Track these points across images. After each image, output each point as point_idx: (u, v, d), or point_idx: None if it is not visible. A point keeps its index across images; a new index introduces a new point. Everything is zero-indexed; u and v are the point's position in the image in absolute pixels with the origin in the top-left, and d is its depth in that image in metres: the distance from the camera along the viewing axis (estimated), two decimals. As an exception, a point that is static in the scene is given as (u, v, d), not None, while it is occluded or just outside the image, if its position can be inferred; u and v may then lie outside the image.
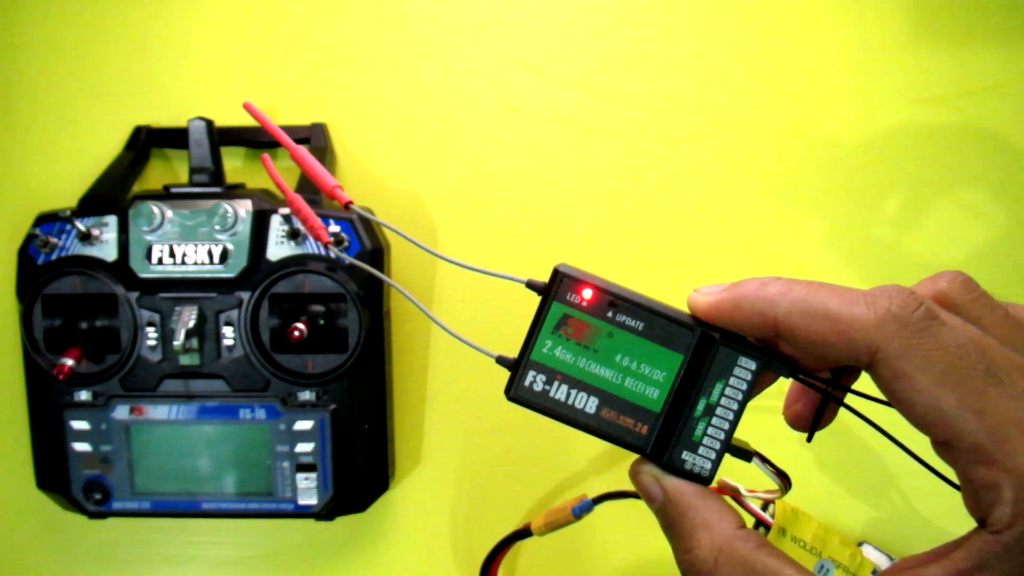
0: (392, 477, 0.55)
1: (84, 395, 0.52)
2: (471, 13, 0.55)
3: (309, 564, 0.58)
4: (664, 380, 0.28)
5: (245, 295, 0.51)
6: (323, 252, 0.51)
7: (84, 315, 0.52)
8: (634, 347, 0.28)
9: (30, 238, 0.51)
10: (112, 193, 0.53)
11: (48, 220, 0.51)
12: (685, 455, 0.28)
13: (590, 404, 0.28)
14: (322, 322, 0.52)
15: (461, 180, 0.56)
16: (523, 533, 0.54)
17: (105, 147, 0.56)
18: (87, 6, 0.56)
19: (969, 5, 0.54)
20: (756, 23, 0.55)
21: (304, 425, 0.52)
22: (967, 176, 0.55)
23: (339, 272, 0.50)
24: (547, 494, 0.57)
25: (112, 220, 0.51)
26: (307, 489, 0.52)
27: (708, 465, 0.28)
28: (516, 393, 0.28)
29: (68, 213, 0.51)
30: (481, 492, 0.57)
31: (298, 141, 0.55)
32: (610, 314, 0.28)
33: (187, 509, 0.53)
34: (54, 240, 0.51)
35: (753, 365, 0.27)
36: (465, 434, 0.57)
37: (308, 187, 0.52)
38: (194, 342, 0.50)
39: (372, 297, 0.51)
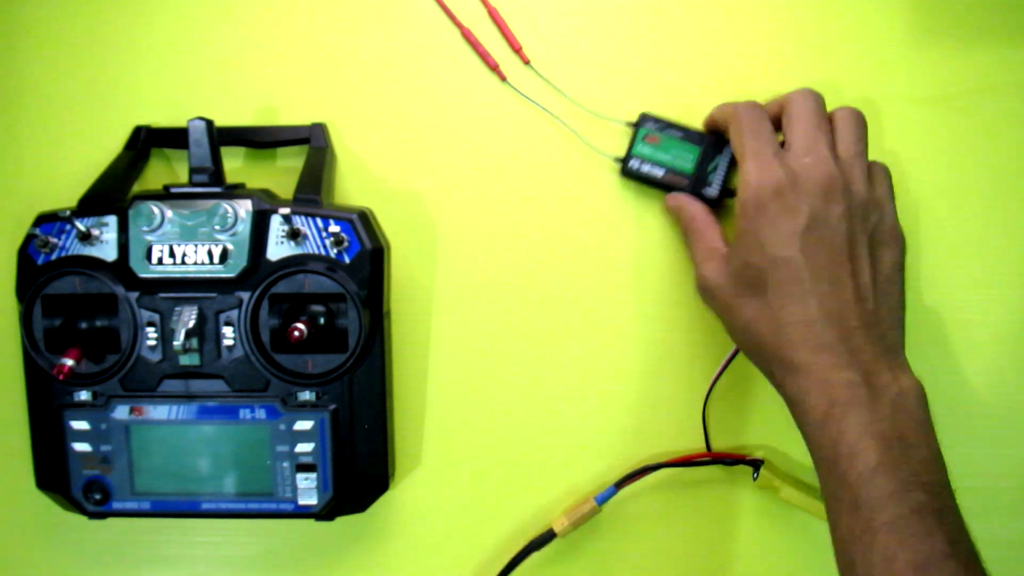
0: (392, 477, 0.55)
1: (84, 395, 0.52)
2: (472, 13, 0.55)
3: (309, 564, 0.58)
4: (693, 159, 0.53)
5: (245, 295, 0.51)
6: (323, 252, 0.51)
7: (84, 315, 0.52)
8: (678, 144, 0.53)
9: (30, 238, 0.51)
10: (112, 193, 0.53)
11: (48, 220, 0.51)
12: (704, 189, 0.53)
13: (659, 171, 0.53)
14: (322, 322, 0.52)
15: (461, 180, 0.56)
16: (546, 538, 0.54)
17: (105, 147, 0.56)
18: (86, 6, 0.56)
19: (969, 5, 0.54)
20: (753, 28, 0.55)
21: (304, 425, 0.52)
22: (964, 179, 0.55)
23: (339, 272, 0.50)
24: (548, 494, 0.57)
25: (112, 220, 0.51)
26: (307, 489, 0.52)
27: (716, 193, 0.53)
28: (626, 169, 0.54)
29: (68, 213, 0.51)
30: (481, 492, 0.57)
31: (298, 141, 0.55)
32: (667, 130, 0.53)
33: (187, 509, 0.53)
34: (54, 240, 0.51)
35: (728, 155, 0.53)
36: (465, 434, 0.57)
37: (308, 187, 0.52)
38: (194, 342, 0.50)
39: (372, 297, 0.51)
